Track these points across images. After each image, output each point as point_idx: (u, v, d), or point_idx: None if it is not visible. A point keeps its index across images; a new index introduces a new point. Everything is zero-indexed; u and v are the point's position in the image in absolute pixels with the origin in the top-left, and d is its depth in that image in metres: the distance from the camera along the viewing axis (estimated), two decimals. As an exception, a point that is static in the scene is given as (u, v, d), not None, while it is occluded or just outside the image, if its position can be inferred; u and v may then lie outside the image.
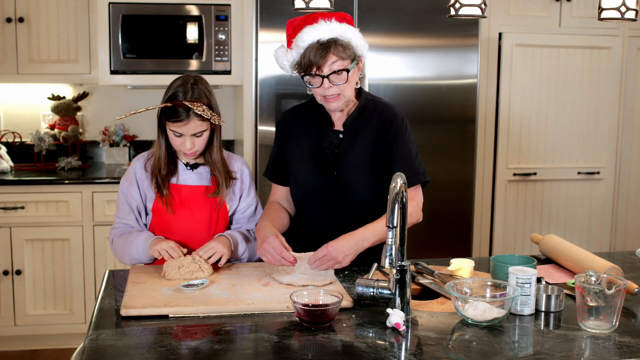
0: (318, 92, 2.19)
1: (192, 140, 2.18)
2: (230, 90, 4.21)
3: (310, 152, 2.30)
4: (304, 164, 2.30)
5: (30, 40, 3.83)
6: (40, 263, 3.69)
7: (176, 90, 2.17)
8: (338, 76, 2.15)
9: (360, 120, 2.27)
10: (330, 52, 2.13)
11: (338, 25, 2.17)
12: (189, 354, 1.57)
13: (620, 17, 2.15)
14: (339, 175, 2.26)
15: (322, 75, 2.14)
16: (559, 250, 2.28)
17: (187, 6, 3.74)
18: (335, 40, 2.14)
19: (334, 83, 2.15)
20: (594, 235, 4.28)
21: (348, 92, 2.19)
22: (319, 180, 2.28)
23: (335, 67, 2.14)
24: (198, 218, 2.27)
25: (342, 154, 2.26)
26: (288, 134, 2.36)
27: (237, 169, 2.34)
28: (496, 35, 3.99)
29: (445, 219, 3.86)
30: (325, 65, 2.13)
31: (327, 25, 2.15)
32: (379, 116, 2.27)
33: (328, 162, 2.27)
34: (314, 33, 2.14)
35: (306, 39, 2.15)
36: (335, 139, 2.28)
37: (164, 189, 2.25)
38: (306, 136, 2.31)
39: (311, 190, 2.30)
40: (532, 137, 4.11)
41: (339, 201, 2.28)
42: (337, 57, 2.13)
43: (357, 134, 2.27)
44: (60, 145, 4.11)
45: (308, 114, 2.34)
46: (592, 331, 1.71)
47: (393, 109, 2.30)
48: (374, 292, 1.84)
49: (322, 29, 2.14)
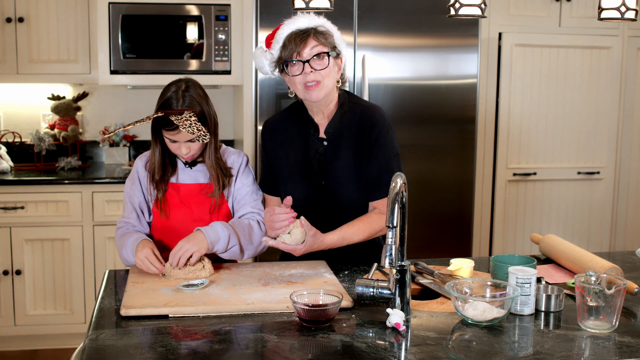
0: (298, 81, 2.15)
1: (188, 145, 2.18)
2: (230, 90, 4.21)
3: (297, 163, 2.27)
4: (292, 175, 2.29)
5: (30, 40, 3.84)
6: (40, 263, 3.69)
7: (168, 98, 2.17)
8: (319, 61, 2.13)
9: (341, 126, 2.24)
10: (310, 37, 2.13)
11: (316, 17, 2.18)
12: (189, 354, 1.57)
13: (620, 17, 2.15)
14: (328, 184, 2.25)
15: (303, 60, 2.13)
16: (559, 250, 2.28)
17: (187, 6, 3.74)
18: (314, 28, 2.15)
19: (314, 68, 2.13)
20: (593, 235, 4.28)
21: (328, 82, 2.16)
22: (309, 191, 2.27)
23: (316, 50, 2.13)
24: (197, 216, 2.27)
25: (328, 163, 2.25)
26: (273, 143, 2.33)
27: (232, 162, 2.33)
28: (496, 35, 3.99)
29: (445, 219, 3.86)
30: (305, 49, 2.12)
31: (305, 16, 2.16)
32: (359, 121, 2.24)
33: (315, 173, 2.26)
34: (293, 24, 2.16)
35: (285, 30, 2.16)
36: (320, 147, 2.25)
37: (159, 192, 2.27)
38: (291, 145, 2.29)
39: (302, 201, 2.28)
40: (532, 137, 4.11)
41: (330, 209, 2.26)
42: (317, 42, 2.13)
43: (340, 141, 2.24)
44: (60, 145, 4.11)
45: (291, 121, 2.31)
46: (592, 331, 1.71)
47: (374, 113, 2.25)
48: (374, 292, 1.84)
49: (301, 20, 2.16)
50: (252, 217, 2.28)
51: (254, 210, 2.30)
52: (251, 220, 2.26)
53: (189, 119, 2.10)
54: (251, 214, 2.29)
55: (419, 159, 3.78)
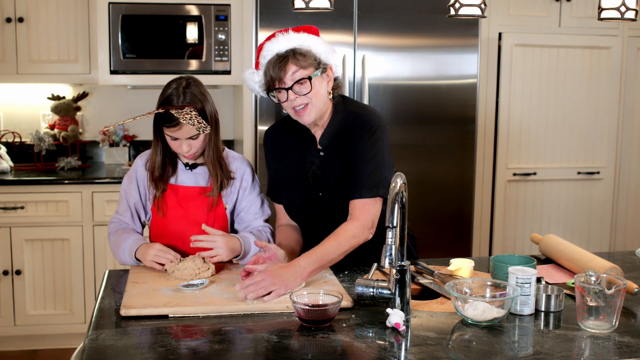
0: (287, 106, 2.14)
1: (189, 142, 2.18)
2: (230, 90, 4.21)
3: (295, 175, 2.26)
4: (290, 187, 2.28)
5: (30, 40, 3.84)
6: (40, 263, 3.69)
7: (168, 95, 2.17)
8: (301, 85, 2.09)
9: (336, 136, 2.21)
10: (289, 62, 2.07)
11: (295, 35, 2.11)
12: (189, 354, 1.57)
13: (620, 17, 2.15)
14: (325, 196, 2.23)
15: (285, 87, 2.09)
16: (559, 250, 2.28)
17: (187, 6, 3.74)
18: (293, 50, 2.08)
19: (298, 93, 2.09)
20: (593, 235, 4.28)
21: (317, 101, 2.12)
22: (306, 202, 2.26)
23: (297, 76, 2.07)
24: (194, 218, 2.27)
25: (323, 174, 2.22)
26: (274, 153, 2.32)
27: (236, 168, 2.33)
28: (496, 35, 3.99)
29: (445, 219, 3.86)
30: (286, 76, 2.08)
31: (284, 36, 2.10)
32: (351, 129, 2.19)
33: (309, 185, 2.25)
34: (272, 48, 2.10)
35: (266, 54, 2.12)
36: (315, 159, 2.23)
37: (158, 191, 2.27)
38: (290, 156, 2.28)
39: (300, 213, 2.29)
40: (532, 137, 4.11)
41: (326, 220, 2.24)
42: (297, 67, 2.07)
43: (334, 151, 2.21)
44: (60, 145, 4.11)
45: (291, 130, 2.28)
46: (592, 331, 1.71)
47: (365, 119, 2.18)
48: (374, 292, 1.84)
49: (280, 41, 2.10)
50: (264, 230, 2.34)
51: (265, 226, 2.36)
52: (269, 235, 2.34)
53: (189, 113, 2.10)
54: (263, 227, 2.35)
55: (419, 159, 3.78)
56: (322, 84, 2.14)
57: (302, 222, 2.33)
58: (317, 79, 2.11)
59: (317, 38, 2.15)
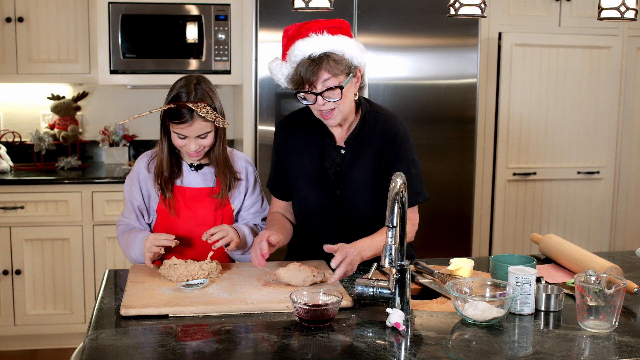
0: (313, 108, 2.12)
1: (197, 141, 2.15)
2: (230, 90, 4.21)
3: (312, 171, 2.24)
4: (306, 183, 2.26)
5: (29, 40, 3.84)
6: (40, 263, 3.69)
7: (179, 91, 2.14)
8: (332, 92, 2.06)
9: (361, 136, 2.21)
10: (322, 69, 2.03)
11: (330, 38, 2.05)
12: (189, 353, 1.57)
13: (620, 17, 2.15)
14: (343, 194, 2.23)
15: (316, 92, 2.06)
16: (559, 249, 2.28)
17: (187, 6, 3.74)
18: (327, 55, 2.03)
19: (328, 100, 2.07)
20: (593, 235, 4.28)
21: (344, 107, 2.11)
22: (323, 200, 2.25)
23: (329, 84, 2.05)
24: (202, 220, 2.26)
25: (345, 173, 2.21)
26: (287, 147, 2.29)
27: (240, 167, 2.33)
28: (496, 35, 3.99)
29: (445, 218, 3.86)
30: (318, 82, 2.05)
31: (319, 38, 2.05)
32: (381, 131, 2.20)
33: (330, 182, 2.23)
34: (305, 48, 2.04)
35: (298, 54, 2.06)
36: (337, 157, 2.22)
37: (167, 191, 2.24)
38: (306, 151, 2.25)
39: (315, 210, 2.27)
40: (532, 137, 4.11)
41: (344, 219, 2.24)
42: (329, 74, 2.04)
43: (359, 151, 2.21)
44: (60, 145, 4.11)
45: (308, 124, 2.25)
46: (592, 331, 1.71)
47: (395, 123, 2.23)
48: (374, 292, 1.84)
49: (314, 42, 2.04)
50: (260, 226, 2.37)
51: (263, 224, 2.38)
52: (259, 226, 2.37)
53: (205, 107, 2.08)
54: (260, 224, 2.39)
55: (419, 158, 3.77)
56: (351, 89, 2.12)
57: (315, 218, 2.29)
58: (348, 86, 2.09)
59: (350, 40, 2.10)
